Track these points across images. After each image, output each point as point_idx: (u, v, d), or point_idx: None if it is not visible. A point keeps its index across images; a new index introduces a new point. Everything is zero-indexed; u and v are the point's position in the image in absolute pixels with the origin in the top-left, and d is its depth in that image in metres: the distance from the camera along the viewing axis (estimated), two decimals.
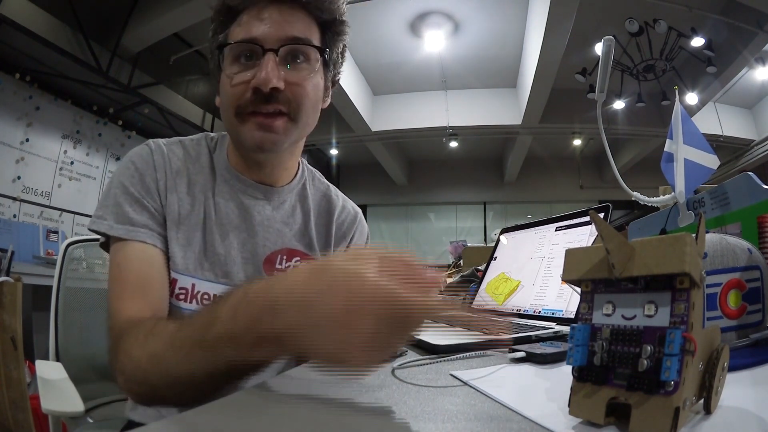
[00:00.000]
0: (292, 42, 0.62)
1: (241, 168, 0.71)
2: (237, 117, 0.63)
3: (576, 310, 0.65)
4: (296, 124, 0.65)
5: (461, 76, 5.83)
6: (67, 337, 0.94)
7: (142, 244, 0.62)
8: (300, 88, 0.63)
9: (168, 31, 4.20)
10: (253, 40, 0.61)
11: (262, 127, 0.62)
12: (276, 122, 0.63)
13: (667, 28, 3.97)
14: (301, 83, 0.64)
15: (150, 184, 0.65)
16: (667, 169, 0.64)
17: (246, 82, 0.61)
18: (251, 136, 0.63)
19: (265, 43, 0.61)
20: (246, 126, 0.63)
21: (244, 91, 0.62)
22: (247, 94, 0.61)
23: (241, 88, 0.62)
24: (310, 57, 0.64)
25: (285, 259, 0.72)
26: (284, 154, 0.71)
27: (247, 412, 0.30)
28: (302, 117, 0.65)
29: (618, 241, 0.25)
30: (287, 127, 0.64)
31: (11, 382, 1.41)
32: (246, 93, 0.61)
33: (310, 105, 0.65)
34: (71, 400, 0.71)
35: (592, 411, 0.25)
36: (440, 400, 0.32)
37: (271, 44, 0.61)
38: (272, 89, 0.60)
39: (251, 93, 0.61)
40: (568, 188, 8.21)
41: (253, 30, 0.61)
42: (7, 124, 3.78)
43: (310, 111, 0.66)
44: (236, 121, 0.63)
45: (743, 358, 0.36)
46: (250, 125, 0.63)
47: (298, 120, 0.65)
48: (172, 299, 0.65)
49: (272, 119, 0.63)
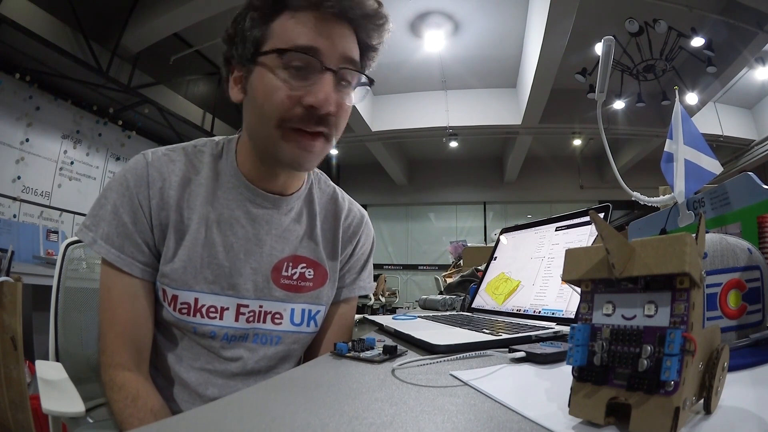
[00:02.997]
0: (349, 65, 0.61)
1: (253, 176, 0.69)
2: (278, 129, 0.60)
3: (576, 310, 0.65)
4: (330, 144, 0.65)
5: (461, 76, 5.83)
6: (67, 337, 0.94)
7: (129, 277, 0.64)
8: (343, 112, 0.63)
9: (168, 31, 4.20)
10: (313, 51, 0.58)
11: (303, 148, 0.61)
12: (317, 143, 0.62)
13: (667, 28, 3.97)
14: (347, 108, 0.64)
15: (142, 205, 0.64)
16: (667, 170, 0.64)
17: (299, 96, 0.58)
18: (291, 153, 0.62)
19: (327, 61, 0.59)
20: (287, 142, 0.61)
21: (293, 105, 0.59)
22: (296, 110, 0.59)
23: (290, 102, 0.59)
24: (353, 80, 0.64)
25: (291, 266, 0.72)
26: None
27: (247, 412, 0.30)
28: (336, 138, 0.65)
29: (618, 241, 0.25)
30: (324, 148, 0.64)
31: (11, 382, 1.41)
32: (295, 108, 0.59)
33: (344, 127, 0.66)
34: (71, 400, 0.70)
35: (592, 411, 0.25)
36: (440, 400, 0.32)
37: (332, 63, 0.59)
38: (327, 113, 0.59)
39: (303, 110, 0.59)
40: (568, 188, 8.21)
41: (317, 41, 0.58)
42: (7, 124, 3.78)
43: (341, 132, 0.66)
44: (276, 133, 0.61)
45: (743, 358, 0.36)
46: (291, 143, 0.61)
47: (332, 140, 0.65)
48: (175, 313, 0.65)
49: (314, 140, 0.62)
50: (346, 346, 0.50)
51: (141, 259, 0.64)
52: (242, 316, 0.68)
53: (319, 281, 0.74)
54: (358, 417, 0.28)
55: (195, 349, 0.67)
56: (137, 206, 0.64)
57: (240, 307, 0.68)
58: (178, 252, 0.65)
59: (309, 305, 0.73)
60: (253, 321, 0.69)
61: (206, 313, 0.66)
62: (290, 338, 0.72)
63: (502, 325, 0.66)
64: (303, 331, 0.73)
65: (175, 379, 0.67)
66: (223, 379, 0.67)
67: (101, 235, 0.63)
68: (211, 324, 0.66)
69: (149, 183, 0.65)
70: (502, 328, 0.61)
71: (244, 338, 0.69)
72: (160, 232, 0.65)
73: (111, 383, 0.61)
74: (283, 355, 0.72)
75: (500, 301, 0.86)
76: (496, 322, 0.71)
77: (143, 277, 0.65)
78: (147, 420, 0.57)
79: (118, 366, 0.62)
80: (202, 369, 0.67)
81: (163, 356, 0.67)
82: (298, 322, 0.72)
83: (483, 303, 0.93)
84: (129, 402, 0.59)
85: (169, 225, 0.65)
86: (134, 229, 0.64)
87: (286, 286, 0.71)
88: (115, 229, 0.63)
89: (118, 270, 0.63)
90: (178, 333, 0.67)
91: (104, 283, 0.64)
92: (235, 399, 0.33)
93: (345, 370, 0.43)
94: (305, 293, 0.73)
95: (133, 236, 0.64)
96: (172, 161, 0.68)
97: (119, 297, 0.63)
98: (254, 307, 0.69)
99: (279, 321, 0.71)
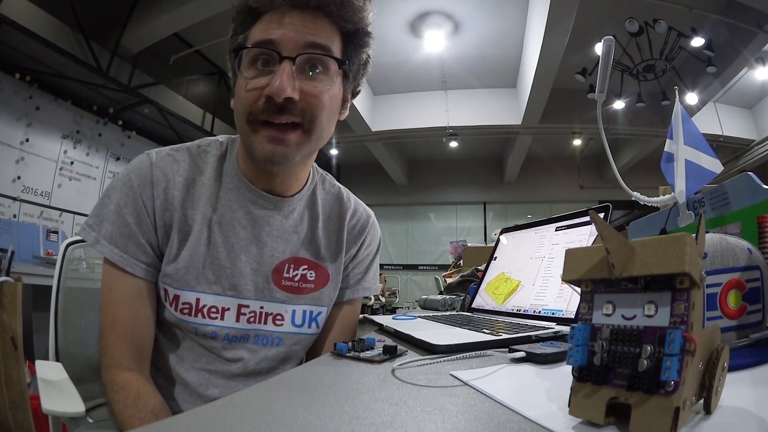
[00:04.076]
0: (310, 50, 0.60)
1: (251, 176, 0.69)
2: (249, 125, 0.61)
3: (576, 310, 0.65)
4: (310, 136, 0.62)
5: (461, 76, 5.83)
6: (67, 337, 0.94)
7: (132, 277, 0.63)
8: (315, 99, 0.60)
9: (168, 31, 4.20)
10: (269, 44, 0.58)
11: (273, 140, 0.60)
12: (288, 135, 0.60)
13: (667, 28, 3.97)
14: (317, 94, 0.61)
15: (146, 205, 0.64)
16: (667, 169, 0.64)
17: (260, 88, 0.59)
18: (261, 147, 0.61)
19: (283, 49, 0.58)
20: (257, 136, 0.61)
21: (257, 98, 0.59)
22: (259, 102, 0.59)
23: (254, 95, 0.59)
24: (328, 67, 0.62)
25: (292, 267, 0.72)
26: (296, 166, 0.67)
27: (247, 412, 0.30)
28: (316, 129, 0.62)
29: (618, 241, 0.25)
30: (300, 140, 0.62)
31: (11, 382, 1.41)
32: (259, 100, 0.59)
33: (325, 117, 0.63)
34: (71, 400, 0.70)
35: (592, 411, 0.25)
36: (440, 400, 0.32)
37: (289, 51, 0.58)
38: (286, 99, 0.58)
39: (264, 101, 0.59)
40: (568, 188, 8.22)
41: (272, 33, 0.59)
42: (7, 124, 3.79)
43: (324, 123, 0.63)
44: (248, 129, 0.61)
45: (743, 358, 0.36)
46: (261, 136, 0.60)
47: (311, 132, 0.62)
48: (176, 313, 0.65)
49: (284, 131, 0.60)
50: (346, 346, 0.50)
51: (144, 259, 0.64)
52: (243, 317, 0.68)
53: (321, 283, 0.74)
54: (358, 417, 0.28)
55: (196, 350, 0.67)
56: (141, 206, 0.64)
57: (241, 307, 0.68)
58: (181, 252, 0.65)
59: (310, 306, 0.73)
60: (254, 322, 0.69)
61: (207, 313, 0.66)
62: (291, 339, 0.72)
63: (502, 325, 0.66)
64: (304, 332, 0.73)
65: (176, 379, 0.67)
66: (224, 380, 0.67)
67: (104, 234, 0.63)
68: (213, 324, 0.66)
69: (153, 183, 0.65)
70: (502, 328, 0.61)
71: (245, 339, 0.69)
72: (164, 232, 0.65)
73: (112, 383, 0.61)
74: (284, 356, 0.72)
75: (500, 301, 0.86)
76: (496, 322, 0.71)
77: (146, 278, 0.65)
78: (147, 420, 0.57)
79: (119, 366, 0.62)
80: (203, 369, 0.67)
81: (164, 356, 0.67)
82: (299, 324, 0.72)
83: (483, 303, 0.93)
84: (129, 402, 0.59)
85: (173, 225, 0.65)
86: (138, 229, 0.64)
87: (287, 287, 0.71)
88: (118, 229, 0.63)
89: (120, 270, 0.63)
90: (179, 333, 0.67)
91: (106, 283, 0.64)
92: (236, 399, 0.33)
93: (345, 370, 0.43)
94: (306, 295, 0.73)
95: (136, 236, 0.64)
96: (176, 161, 0.67)
97: (121, 297, 0.63)
98: (255, 308, 0.69)
99: (280, 322, 0.71)
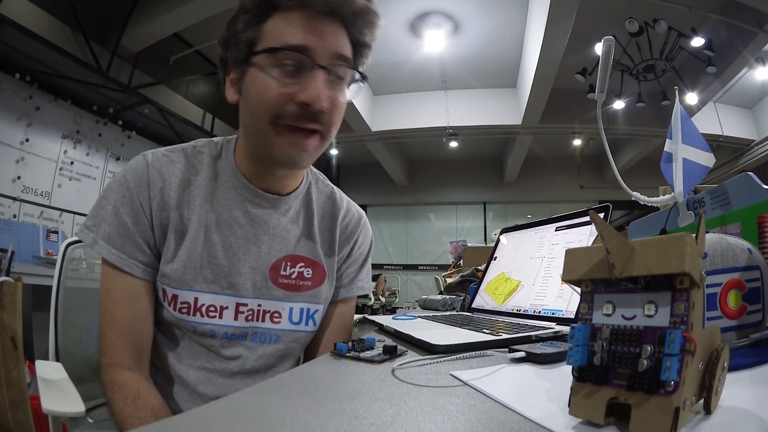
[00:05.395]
0: (339, 61, 0.61)
1: (251, 175, 0.70)
2: (272, 126, 0.61)
3: (576, 310, 0.65)
4: (325, 142, 0.65)
5: (461, 76, 5.83)
6: (67, 337, 0.94)
7: (130, 277, 0.64)
8: (338, 110, 0.63)
9: (168, 31, 4.20)
10: (306, 50, 0.58)
11: (296, 145, 0.62)
12: (311, 141, 0.62)
13: (667, 28, 3.97)
14: (340, 105, 0.63)
15: (143, 205, 0.64)
16: (666, 169, 0.64)
17: (291, 93, 0.59)
18: (284, 151, 0.62)
19: (318, 58, 0.59)
20: (280, 139, 0.61)
21: (286, 102, 0.59)
22: (289, 107, 0.59)
23: (284, 99, 0.59)
24: (347, 77, 0.64)
25: (290, 265, 0.72)
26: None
27: (247, 412, 0.30)
28: (331, 136, 0.65)
29: (618, 241, 0.25)
30: (318, 146, 0.64)
31: (11, 382, 1.41)
32: (288, 105, 0.59)
33: (339, 124, 0.65)
34: (71, 400, 0.71)
35: (592, 411, 0.25)
36: (440, 400, 0.32)
37: (323, 60, 0.59)
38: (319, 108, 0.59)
39: (296, 107, 0.59)
40: (568, 188, 8.22)
41: (307, 39, 0.59)
42: (7, 124, 3.78)
43: (336, 129, 0.66)
44: (271, 130, 0.61)
45: (743, 358, 0.36)
46: (284, 139, 0.61)
47: (327, 139, 0.65)
48: (175, 313, 0.65)
49: (308, 138, 0.62)
50: (346, 346, 0.50)
51: (142, 259, 0.65)
52: (241, 315, 0.68)
53: (318, 280, 0.75)
54: (358, 417, 0.28)
55: (195, 348, 0.67)
56: (138, 207, 0.64)
57: (239, 306, 0.68)
58: (179, 252, 0.65)
59: (307, 304, 0.74)
60: (252, 320, 0.69)
61: (206, 312, 0.66)
62: (289, 337, 0.72)
63: (502, 325, 0.66)
64: (302, 329, 0.74)
65: (174, 377, 0.67)
66: (222, 378, 0.67)
67: (102, 235, 0.63)
68: (211, 323, 0.66)
69: (150, 184, 0.65)
70: (502, 328, 0.61)
71: (244, 337, 0.69)
72: (161, 232, 0.66)
73: (111, 383, 0.61)
74: (282, 353, 0.72)
75: (500, 301, 0.86)
76: (496, 322, 0.71)
77: (144, 278, 0.65)
78: (147, 420, 0.58)
79: (118, 366, 0.62)
80: (202, 368, 0.67)
81: (163, 355, 0.68)
82: (296, 321, 0.73)
83: (483, 303, 0.93)
84: (129, 402, 0.59)
85: (169, 225, 0.66)
86: (135, 229, 0.64)
87: (285, 285, 0.72)
88: (116, 229, 0.63)
89: (119, 270, 0.63)
90: (178, 332, 0.68)
91: (104, 284, 0.64)
92: (236, 399, 0.33)
93: (345, 370, 0.43)
94: (304, 292, 0.73)
95: (134, 237, 0.64)
96: (172, 162, 0.68)
97: (120, 297, 0.64)
98: (253, 306, 0.69)
99: (278, 320, 0.71)
